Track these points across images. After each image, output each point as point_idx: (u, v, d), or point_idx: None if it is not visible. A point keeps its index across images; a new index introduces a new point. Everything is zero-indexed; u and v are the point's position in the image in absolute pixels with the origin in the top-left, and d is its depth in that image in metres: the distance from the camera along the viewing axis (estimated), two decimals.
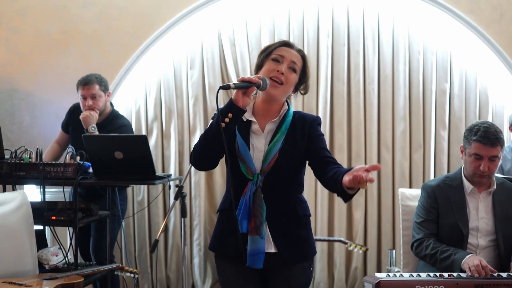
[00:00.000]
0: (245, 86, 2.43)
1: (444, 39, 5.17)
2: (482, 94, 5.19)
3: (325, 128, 5.11)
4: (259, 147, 2.59)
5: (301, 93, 2.70)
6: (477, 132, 3.19)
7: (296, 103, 5.09)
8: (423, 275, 2.95)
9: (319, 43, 5.16)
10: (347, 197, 2.42)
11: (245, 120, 2.60)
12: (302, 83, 2.67)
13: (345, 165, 5.13)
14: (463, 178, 3.34)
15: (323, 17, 5.14)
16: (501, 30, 5.04)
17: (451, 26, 5.13)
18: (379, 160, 5.18)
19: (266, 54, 2.63)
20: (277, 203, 2.59)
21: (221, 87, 2.41)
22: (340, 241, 4.77)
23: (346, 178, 2.29)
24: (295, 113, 2.67)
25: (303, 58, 2.66)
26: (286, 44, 2.67)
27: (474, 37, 5.07)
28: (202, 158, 2.56)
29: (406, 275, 2.96)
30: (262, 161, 2.57)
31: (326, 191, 5.13)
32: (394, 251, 4.24)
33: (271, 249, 2.58)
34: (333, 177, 2.46)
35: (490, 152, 3.18)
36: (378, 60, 5.18)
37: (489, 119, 5.15)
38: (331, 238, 4.99)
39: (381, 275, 2.90)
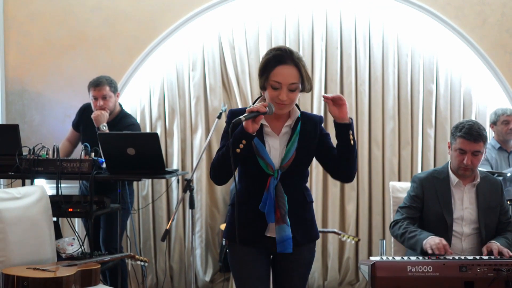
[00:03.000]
0: (254, 116, 2.64)
1: (430, 43, 5.40)
2: (466, 95, 5.43)
3: None
4: (275, 147, 2.82)
5: (307, 92, 2.86)
6: (462, 129, 3.45)
7: None
8: (413, 257, 3.24)
9: (313, 46, 5.38)
10: (346, 135, 2.74)
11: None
12: (305, 88, 2.81)
13: None
14: (450, 171, 3.60)
15: (317, 22, 5.36)
16: (484, 35, 5.28)
17: (437, 31, 5.35)
18: (370, 156, 5.43)
19: (265, 77, 2.75)
20: (291, 193, 2.83)
21: (234, 123, 2.62)
22: (334, 232, 5.01)
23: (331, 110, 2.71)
24: (302, 113, 2.88)
25: (298, 68, 2.74)
26: (280, 61, 2.73)
27: (459, 41, 5.30)
28: (221, 175, 2.82)
29: (398, 258, 3.24)
30: (282, 159, 2.80)
31: (320, 186, 5.40)
32: (384, 241, 4.43)
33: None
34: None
35: (473, 147, 3.44)
36: (369, 63, 5.40)
37: (473, 118, 5.40)
38: (325, 230, 5.20)
39: (375, 258, 3.19)
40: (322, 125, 2.92)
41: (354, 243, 5.24)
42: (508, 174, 4.74)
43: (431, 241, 3.31)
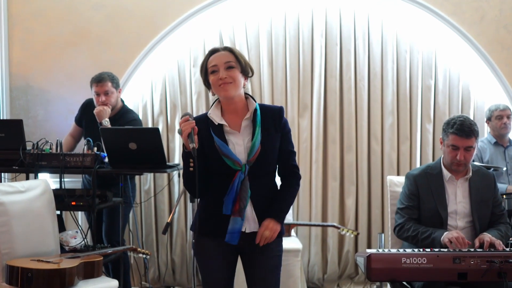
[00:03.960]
0: (192, 139, 2.70)
1: (429, 39, 5.47)
2: (465, 90, 5.50)
3: (318, 122, 5.42)
4: (239, 143, 2.86)
5: (250, 76, 2.93)
6: (454, 125, 3.50)
7: (292, 99, 5.41)
8: (408, 250, 3.30)
9: (313, 42, 5.44)
10: None
11: (216, 124, 2.87)
12: (245, 70, 2.89)
13: (337, 156, 5.46)
14: (442, 167, 3.65)
15: (317, 19, 5.43)
16: (481, 31, 5.35)
17: (435, 27, 5.42)
18: (369, 151, 5.50)
19: (205, 71, 2.89)
20: (260, 188, 2.88)
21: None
22: (333, 226, 5.08)
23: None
24: (260, 106, 2.92)
25: (231, 51, 2.88)
26: (213, 52, 2.89)
27: (457, 37, 5.37)
28: (191, 189, 2.87)
29: (393, 250, 3.31)
30: (248, 154, 2.84)
31: (320, 180, 5.47)
32: (383, 234, 4.49)
33: (257, 228, 2.86)
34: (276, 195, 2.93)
35: (466, 143, 3.49)
36: (368, 59, 5.47)
37: (471, 114, 5.49)
38: (324, 224, 5.28)
39: (371, 250, 3.25)
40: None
41: (354, 236, 5.30)
42: (504, 169, 4.81)
43: (449, 235, 3.34)
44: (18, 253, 3.73)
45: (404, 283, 3.46)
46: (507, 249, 3.31)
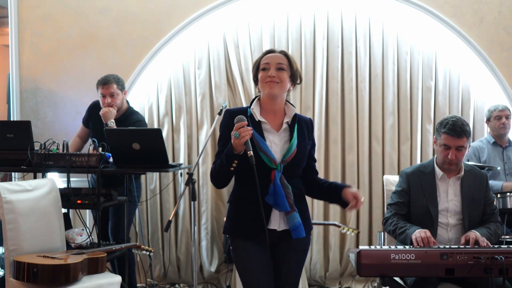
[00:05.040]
0: (249, 145, 2.82)
1: (429, 41, 5.54)
2: (464, 91, 5.56)
3: (320, 123, 5.51)
4: (276, 142, 3.00)
5: (298, 84, 3.08)
6: (446, 125, 3.60)
7: (294, 100, 5.48)
8: (399, 246, 3.41)
9: (315, 44, 5.54)
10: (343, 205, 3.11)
11: (257, 120, 3.00)
12: (294, 76, 3.05)
13: (338, 156, 5.56)
14: (435, 165, 3.75)
15: (319, 22, 5.52)
16: (481, 33, 5.41)
17: (435, 29, 5.49)
18: (370, 151, 5.59)
19: (256, 67, 3.05)
20: (292, 188, 2.99)
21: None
22: (334, 224, 5.16)
23: (347, 197, 3.04)
24: (295, 114, 3.07)
25: (286, 55, 3.04)
26: (269, 51, 3.07)
27: (457, 39, 5.43)
28: (219, 184, 3.04)
29: (385, 247, 3.41)
30: (284, 153, 2.97)
31: None
32: (383, 233, 4.56)
33: (286, 227, 2.97)
34: (330, 187, 3.12)
35: (457, 142, 3.58)
36: (369, 60, 5.55)
37: (471, 114, 5.55)
38: (325, 222, 5.37)
39: (363, 247, 3.34)
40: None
41: (355, 235, 5.38)
42: (498, 168, 4.87)
43: (417, 233, 3.46)
44: (25, 250, 3.86)
45: (397, 279, 3.56)
46: (495, 246, 3.39)
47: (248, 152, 2.81)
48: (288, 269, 3.06)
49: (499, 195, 4.47)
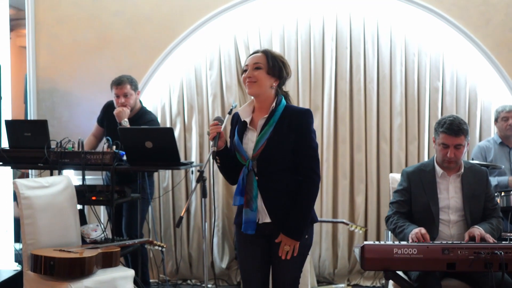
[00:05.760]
0: (216, 140, 3.03)
1: (437, 43, 5.60)
2: (471, 92, 5.62)
3: (329, 123, 5.60)
4: (252, 139, 3.10)
5: (285, 77, 3.14)
6: (444, 125, 3.70)
7: (304, 100, 5.60)
8: (403, 242, 3.51)
9: (324, 46, 5.62)
10: None
11: (242, 120, 3.13)
12: (273, 70, 3.09)
13: (347, 156, 5.65)
14: (435, 164, 3.85)
15: (327, 24, 5.60)
16: (488, 34, 5.47)
17: (443, 31, 5.55)
18: (378, 151, 5.67)
19: (242, 70, 3.18)
20: (269, 183, 3.07)
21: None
22: (342, 222, 5.25)
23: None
24: (287, 106, 3.12)
25: (265, 53, 3.12)
26: (251, 54, 3.18)
27: (464, 40, 5.50)
28: (228, 178, 3.24)
29: (389, 242, 3.52)
30: (253, 149, 3.06)
31: (330, 179, 5.65)
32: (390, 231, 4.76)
33: (267, 219, 3.07)
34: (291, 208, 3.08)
35: (455, 141, 3.68)
36: (377, 62, 5.62)
37: (478, 114, 5.61)
38: (333, 220, 5.45)
39: (368, 242, 3.44)
40: (311, 120, 3.13)
41: (363, 232, 5.46)
42: (503, 167, 4.94)
43: (413, 231, 3.57)
44: (42, 244, 4.01)
45: (401, 273, 3.66)
46: (497, 242, 3.49)
47: (212, 148, 3.03)
48: (286, 262, 3.10)
49: (503, 193, 4.54)
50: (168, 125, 5.68)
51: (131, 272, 4.13)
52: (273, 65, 3.10)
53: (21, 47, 7.22)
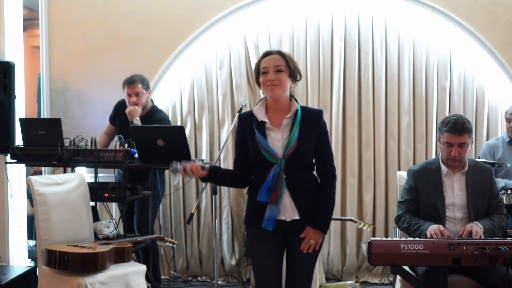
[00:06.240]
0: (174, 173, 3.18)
1: (444, 42, 5.65)
2: (479, 91, 5.66)
3: (338, 122, 5.66)
4: (277, 138, 3.16)
5: (297, 80, 3.23)
6: (447, 124, 3.77)
7: (313, 100, 5.65)
8: (409, 238, 3.57)
9: (333, 46, 5.68)
10: None
11: (260, 120, 3.19)
12: (293, 74, 3.20)
13: (355, 154, 5.71)
14: (440, 162, 3.91)
15: (336, 24, 5.66)
16: (495, 34, 5.51)
17: (450, 31, 5.60)
18: (386, 149, 5.72)
19: (257, 71, 3.22)
20: (297, 180, 3.17)
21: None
22: (351, 220, 5.29)
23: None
24: (301, 108, 3.22)
25: (282, 55, 3.18)
26: (266, 54, 3.21)
27: (471, 40, 5.54)
28: (235, 187, 3.38)
29: (395, 238, 3.57)
30: (284, 149, 3.14)
31: (339, 177, 5.68)
32: (398, 228, 4.73)
33: (296, 216, 3.16)
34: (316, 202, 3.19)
35: (459, 140, 3.75)
36: (385, 61, 5.67)
37: (485, 114, 5.66)
38: (342, 218, 5.51)
39: (375, 238, 3.51)
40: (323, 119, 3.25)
41: (371, 230, 5.49)
42: (508, 165, 4.97)
43: (431, 228, 3.64)
44: (56, 239, 4.10)
45: (407, 269, 3.72)
46: (496, 238, 3.55)
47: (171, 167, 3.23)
48: (300, 259, 3.20)
49: (509, 191, 4.59)
50: (179, 124, 5.74)
51: (143, 268, 4.21)
52: (293, 68, 3.19)
53: (34, 47, 7.34)
